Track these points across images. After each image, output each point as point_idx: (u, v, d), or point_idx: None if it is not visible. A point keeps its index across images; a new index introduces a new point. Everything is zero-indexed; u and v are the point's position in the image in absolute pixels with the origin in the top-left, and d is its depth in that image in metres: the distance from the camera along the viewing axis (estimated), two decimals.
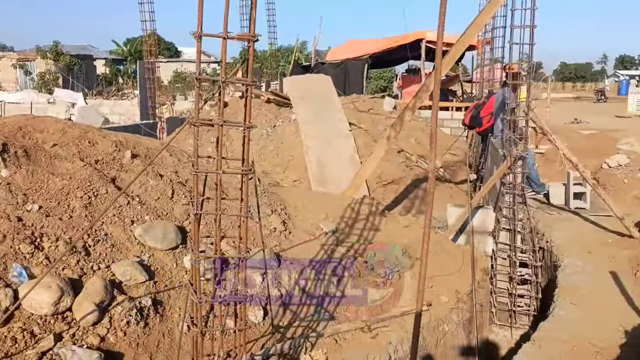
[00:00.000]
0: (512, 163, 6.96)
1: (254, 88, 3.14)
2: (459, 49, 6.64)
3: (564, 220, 7.90)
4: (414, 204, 8.52)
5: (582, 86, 77.64)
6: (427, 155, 11.53)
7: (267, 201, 5.36)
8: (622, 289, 5.48)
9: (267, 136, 9.25)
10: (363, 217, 5.57)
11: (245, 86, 2.69)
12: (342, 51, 21.99)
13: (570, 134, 14.99)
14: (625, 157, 9.42)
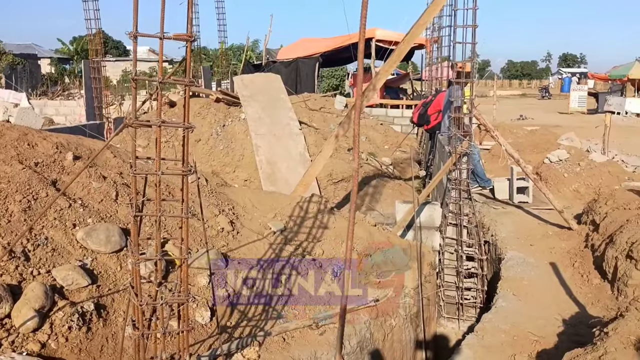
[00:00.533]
0: (457, 159, 7.14)
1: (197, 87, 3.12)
2: (404, 47, 6.75)
3: (508, 214, 8.15)
4: (364, 201, 8.62)
5: (528, 83, 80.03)
6: (377, 153, 11.69)
7: (214, 201, 5.33)
8: (561, 279, 5.71)
9: (217, 136, 9.19)
10: (311, 216, 5.61)
11: (184, 86, 2.67)
12: (293, 50, 22.01)
13: (515, 130, 15.45)
14: (565, 152, 9.77)
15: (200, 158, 9.02)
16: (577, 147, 11.05)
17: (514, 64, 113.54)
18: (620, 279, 5.12)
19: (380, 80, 6.80)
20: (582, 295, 5.33)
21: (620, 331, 3.15)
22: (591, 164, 9.27)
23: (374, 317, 4.63)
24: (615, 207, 6.40)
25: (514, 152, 7.24)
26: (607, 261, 5.44)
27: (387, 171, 10.33)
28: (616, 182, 8.91)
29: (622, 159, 12.13)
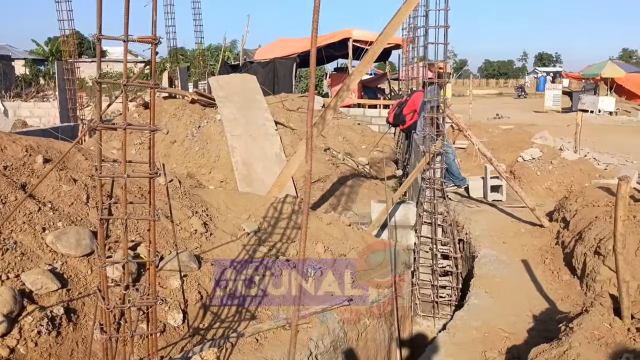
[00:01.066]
0: (430, 159, 7.21)
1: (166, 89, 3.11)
2: (378, 48, 6.80)
3: (482, 212, 8.24)
4: (340, 201, 8.65)
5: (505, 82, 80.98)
6: (353, 153, 11.74)
7: (188, 203, 5.31)
8: (532, 276, 5.80)
9: (192, 137, 9.15)
10: (285, 216, 5.62)
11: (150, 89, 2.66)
12: (270, 50, 21.96)
13: (490, 129, 15.65)
14: (538, 151, 9.91)
15: (176, 159, 8.98)
16: (550, 146, 11.21)
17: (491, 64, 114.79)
18: (588, 274, 5.22)
19: (354, 80, 6.84)
20: (552, 291, 5.43)
21: (584, 326, 3.23)
22: (563, 162, 9.41)
23: (347, 316, 4.66)
24: (585, 204, 6.52)
25: (487, 151, 7.34)
26: (577, 257, 5.54)
27: (363, 171, 10.38)
28: (587, 179, 9.07)
29: (594, 157, 12.35)
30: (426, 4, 7.00)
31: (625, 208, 3.24)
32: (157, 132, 9.18)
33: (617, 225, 3.22)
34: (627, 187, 3.18)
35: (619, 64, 29.47)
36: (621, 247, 3.25)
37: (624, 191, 3.17)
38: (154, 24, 2.58)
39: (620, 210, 3.19)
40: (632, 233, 5.08)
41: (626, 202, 3.24)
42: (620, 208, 3.18)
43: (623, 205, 3.19)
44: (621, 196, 3.17)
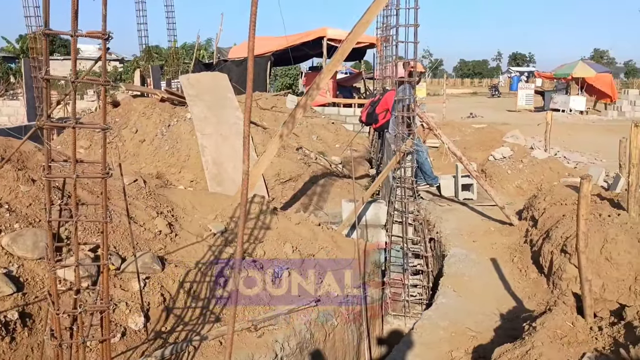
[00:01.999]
0: (401, 158, 7.20)
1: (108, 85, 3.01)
2: (347, 47, 6.76)
3: (453, 211, 8.26)
4: (311, 200, 8.60)
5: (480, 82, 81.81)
6: (327, 152, 11.70)
7: (153, 203, 5.20)
8: (501, 275, 5.81)
9: (162, 136, 9.01)
10: (253, 217, 5.55)
11: (102, 87, 2.57)
12: (245, 48, 21.79)
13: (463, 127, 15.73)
14: (509, 150, 9.98)
15: (145, 159, 8.84)
16: (521, 145, 11.31)
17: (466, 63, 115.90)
18: (555, 272, 5.24)
19: (324, 79, 6.79)
20: (520, 290, 5.44)
21: (547, 325, 3.22)
22: (533, 161, 9.49)
23: (314, 317, 4.61)
24: (553, 203, 6.56)
25: (457, 150, 7.35)
26: (544, 256, 5.57)
27: (336, 170, 10.34)
28: (557, 178, 9.16)
29: (565, 156, 12.52)
30: (396, 2, 6.99)
31: (588, 207, 3.24)
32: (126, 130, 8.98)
33: (579, 224, 3.22)
34: (589, 186, 3.17)
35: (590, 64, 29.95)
36: (584, 245, 3.25)
37: (586, 190, 3.17)
38: (104, 19, 2.49)
39: (583, 209, 3.19)
40: (598, 231, 5.12)
41: (588, 201, 3.24)
42: (582, 207, 3.18)
43: (585, 204, 3.19)
44: (583, 195, 3.16)
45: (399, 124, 7.25)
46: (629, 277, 4.84)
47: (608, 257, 4.93)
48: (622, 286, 4.83)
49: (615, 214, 5.38)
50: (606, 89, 28.55)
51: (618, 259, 4.89)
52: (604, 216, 5.40)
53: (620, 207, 5.68)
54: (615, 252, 4.93)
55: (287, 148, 9.71)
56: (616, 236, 5.01)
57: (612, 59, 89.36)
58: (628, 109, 24.99)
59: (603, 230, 5.12)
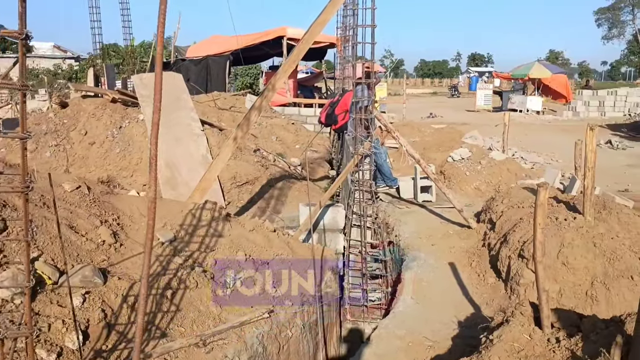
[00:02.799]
0: (359, 160, 7.07)
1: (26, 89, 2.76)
2: (303, 47, 6.59)
3: (412, 214, 8.19)
4: (269, 204, 8.40)
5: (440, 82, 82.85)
6: (287, 153, 11.51)
7: (97, 212, 4.92)
8: (459, 280, 5.74)
9: (113, 138, 8.65)
10: (205, 224, 5.32)
11: (19, 92, 2.33)
12: (203, 47, 21.42)
13: (423, 128, 15.77)
14: (467, 151, 9.98)
15: (95, 162, 8.48)
16: (480, 145, 11.36)
17: (427, 63, 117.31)
18: (512, 278, 5.19)
19: (280, 79, 6.61)
20: (477, 295, 5.38)
21: (504, 338, 3.12)
22: (491, 162, 9.52)
23: (267, 330, 4.42)
24: (510, 206, 6.54)
25: (415, 152, 7.26)
26: (501, 260, 5.52)
27: (294, 172, 10.16)
28: (514, 179, 9.20)
29: (522, 156, 12.63)
30: (353, 3, 6.85)
31: (545, 215, 3.15)
32: (75, 132, 8.59)
33: (536, 233, 3.13)
34: (546, 194, 3.08)
35: (546, 65, 30.58)
36: (541, 255, 3.16)
37: (542, 198, 3.07)
38: (21, 17, 2.25)
39: (540, 218, 3.10)
40: (554, 236, 5.10)
41: (545, 209, 3.15)
42: (539, 215, 3.09)
43: (542, 213, 3.09)
44: (540, 203, 3.07)
45: (356, 126, 7.12)
46: (585, 282, 4.82)
47: (565, 262, 4.91)
48: (579, 291, 4.81)
49: (572, 218, 5.37)
50: (561, 90, 29.18)
51: (575, 264, 4.87)
52: (560, 220, 5.38)
53: (576, 211, 5.67)
54: (571, 256, 4.91)
55: (244, 150, 9.48)
56: (572, 241, 4.99)
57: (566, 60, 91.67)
58: (582, 110, 25.56)
59: (560, 234, 5.10)
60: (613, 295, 4.64)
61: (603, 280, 4.74)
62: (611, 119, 23.70)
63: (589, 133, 5.12)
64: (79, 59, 47.73)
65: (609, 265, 4.83)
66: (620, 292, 4.64)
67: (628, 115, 24.25)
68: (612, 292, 4.65)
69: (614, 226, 5.35)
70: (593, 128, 5.19)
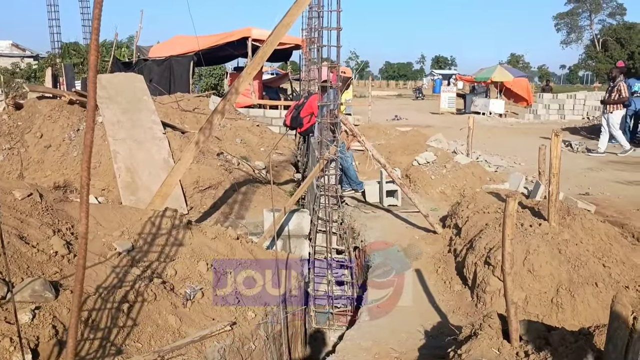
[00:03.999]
0: (324, 165, 6.96)
1: None
2: (268, 49, 6.44)
3: (378, 218, 8.12)
4: (232, 209, 8.22)
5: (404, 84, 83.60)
6: (251, 156, 11.33)
7: (50, 220, 4.68)
8: (425, 287, 5.68)
9: (70, 141, 8.34)
10: (165, 232, 5.12)
11: None
12: (166, 47, 21.01)
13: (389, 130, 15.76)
14: (432, 154, 9.98)
15: (51, 166, 8.16)
16: (444, 149, 11.39)
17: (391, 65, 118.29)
18: (479, 285, 5.15)
19: (243, 82, 6.45)
20: (444, 303, 5.32)
21: (472, 354, 3.04)
22: (456, 166, 9.53)
23: (229, 343, 4.26)
24: (476, 211, 6.52)
25: (380, 157, 7.19)
26: (467, 267, 5.48)
27: (259, 176, 9.99)
28: (479, 183, 9.23)
29: (486, 159, 12.74)
30: (318, 5, 6.74)
31: (513, 226, 3.09)
32: (29, 135, 8.26)
33: (505, 244, 3.06)
34: (515, 204, 3.02)
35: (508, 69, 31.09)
36: (509, 267, 3.09)
37: (511, 209, 3.01)
38: None
39: (508, 229, 3.03)
40: (520, 242, 5.07)
41: (514, 220, 3.09)
42: (508, 226, 3.02)
43: (511, 224, 3.03)
44: (509, 214, 3.00)
45: (322, 130, 7.02)
46: (550, 289, 4.80)
47: (530, 269, 4.88)
48: (545, 298, 4.79)
49: (537, 224, 5.36)
50: (523, 93, 29.68)
51: (540, 271, 4.85)
52: (525, 226, 5.37)
53: (540, 216, 5.68)
54: (537, 263, 4.89)
55: (207, 153, 9.27)
56: (538, 247, 4.97)
57: (527, 64, 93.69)
58: (543, 112, 26.04)
59: (525, 241, 5.08)
60: (578, 303, 4.63)
61: (568, 287, 4.74)
62: (571, 122, 24.20)
63: (554, 139, 5.12)
64: (38, 58, 46.47)
65: (573, 272, 4.83)
66: (585, 299, 4.64)
67: (587, 118, 24.81)
68: (577, 300, 4.64)
69: (578, 232, 5.38)
70: (558, 134, 5.19)
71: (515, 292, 4.86)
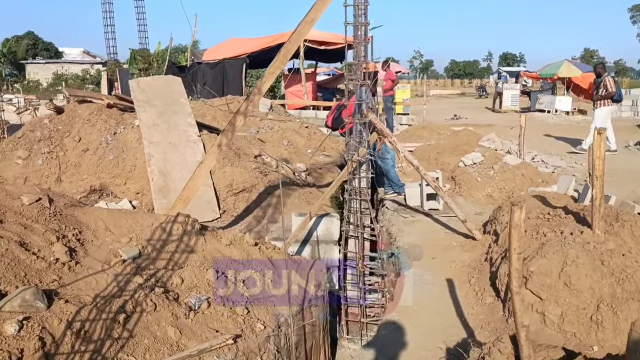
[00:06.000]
0: (354, 168, 6.63)
1: None
2: (292, 46, 6.18)
3: (416, 223, 7.71)
4: (266, 213, 8.00)
5: (470, 82, 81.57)
6: (298, 158, 11.12)
7: (56, 226, 4.59)
8: (455, 298, 5.25)
9: (107, 144, 8.38)
10: (175, 239, 4.94)
11: None
12: (219, 50, 21.21)
13: (442, 130, 15.18)
14: (480, 155, 9.43)
15: (88, 170, 8.21)
16: (494, 149, 10.76)
17: (457, 64, 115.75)
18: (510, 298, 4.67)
19: (266, 83, 6.22)
20: (473, 317, 4.88)
21: None
22: (504, 167, 8.95)
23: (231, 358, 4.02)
24: None
25: (414, 159, 6.79)
26: (500, 278, 5.01)
27: (298, 178, 9.74)
28: (530, 185, 8.63)
29: (543, 159, 11.96)
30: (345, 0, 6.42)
31: (521, 239, 2.67)
32: (68, 139, 8.36)
33: (512, 259, 2.65)
34: (521, 214, 2.61)
35: (576, 64, 29.45)
36: (517, 285, 2.68)
37: (517, 220, 2.60)
38: None
39: (515, 242, 2.62)
40: (557, 252, 4.57)
41: (521, 232, 2.67)
42: (514, 239, 2.62)
43: (517, 236, 2.62)
44: (515, 225, 2.60)
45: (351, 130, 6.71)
46: (590, 304, 4.29)
47: (567, 282, 4.38)
48: (583, 315, 4.28)
49: (579, 232, 4.83)
50: None
51: (578, 285, 4.34)
52: (565, 234, 4.86)
53: (585, 223, 5.13)
54: (575, 276, 4.38)
55: (243, 156, 9.11)
56: (577, 258, 4.45)
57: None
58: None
59: (563, 251, 4.57)
60: (621, 321, 4.10)
61: (610, 303, 4.21)
62: None
63: (597, 138, 4.58)
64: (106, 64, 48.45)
65: (617, 286, 4.29)
66: (629, 316, 4.09)
67: None
68: (620, 317, 4.11)
69: (626, 241, 4.80)
70: (601, 132, 4.64)
71: (550, 307, 4.39)
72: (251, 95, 6.21)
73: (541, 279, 4.46)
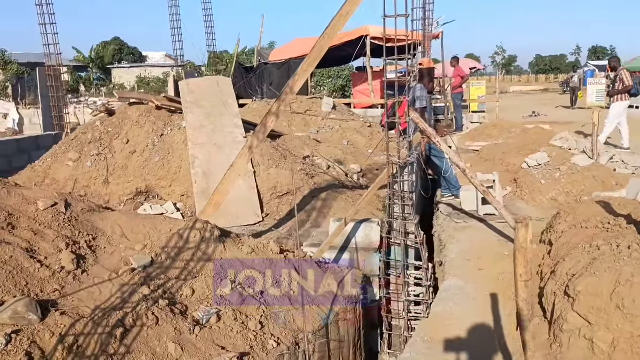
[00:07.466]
0: (395, 171, 6.18)
1: None
2: (325, 43, 5.85)
3: (469, 229, 7.12)
4: (310, 217, 7.70)
5: (556, 77, 77.75)
6: (345, 160, 10.74)
7: (68, 232, 4.48)
8: (496, 317, 4.70)
9: (153, 146, 8.36)
10: (192, 246, 4.71)
11: None
12: (286, 51, 21.14)
13: (514, 128, 14.28)
14: (546, 155, 8.66)
15: (134, 172, 8.22)
16: (565, 149, 9.87)
17: (543, 58, 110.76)
18: (556, 321, 4.09)
19: (299, 81, 5.90)
20: (514, 340, 4.31)
21: None
22: (573, 168, 8.15)
23: None
24: (573, 225, 5.35)
25: (460, 160, 6.24)
26: (547, 296, 4.42)
27: (349, 180, 9.36)
28: (601, 188, 7.80)
29: (623, 160, 10.89)
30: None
31: (527, 263, 2.19)
32: (117, 141, 8.40)
33: (518, 287, 2.19)
34: (527, 233, 2.12)
35: None
36: (527, 318, 2.20)
37: (522, 240, 2.13)
38: None
39: (521, 267, 2.15)
40: (609, 269, 3.94)
41: (527, 255, 2.19)
42: (519, 264, 2.15)
43: (523, 260, 2.15)
44: (520, 247, 2.12)
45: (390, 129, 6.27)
46: None
47: (620, 305, 3.75)
48: (638, 344, 3.65)
49: (637, 245, 4.16)
50: None
51: (633, 308, 3.70)
52: (621, 248, 4.19)
53: None
54: (629, 298, 3.73)
55: (290, 157, 8.84)
56: (632, 277, 3.80)
57: None
58: None
59: (616, 267, 3.93)
60: None
61: None
62: None
63: None
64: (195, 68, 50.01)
65: None
66: None
67: None
68: None
69: None
70: None
71: (600, 333, 3.78)
72: (283, 94, 5.91)
73: (590, 301, 3.85)
